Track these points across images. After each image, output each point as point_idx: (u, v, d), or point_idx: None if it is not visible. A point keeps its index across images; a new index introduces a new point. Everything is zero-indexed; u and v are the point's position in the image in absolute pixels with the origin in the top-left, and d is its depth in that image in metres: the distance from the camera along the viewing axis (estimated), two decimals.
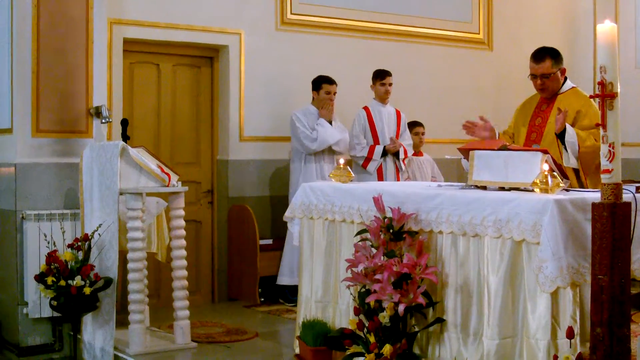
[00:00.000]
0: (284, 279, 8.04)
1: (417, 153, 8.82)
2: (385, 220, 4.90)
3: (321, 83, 8.12)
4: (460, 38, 9.81)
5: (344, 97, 8.62)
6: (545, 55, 5.64)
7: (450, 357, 4.67)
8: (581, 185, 5.42)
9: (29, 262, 6.35)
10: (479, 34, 9.98)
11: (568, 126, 5.29)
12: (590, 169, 5.37)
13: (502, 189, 4.79)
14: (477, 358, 4.50)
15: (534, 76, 5.67)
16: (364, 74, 8.52)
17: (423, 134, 8.91)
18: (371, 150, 8.22)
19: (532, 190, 4.49)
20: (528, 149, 4.98)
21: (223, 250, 8.31)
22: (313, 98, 8.17)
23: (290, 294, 7.88)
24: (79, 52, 6.68)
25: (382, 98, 8.38)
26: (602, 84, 3.84)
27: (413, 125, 8.75)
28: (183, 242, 6.24)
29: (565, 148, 5.28)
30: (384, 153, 8.24)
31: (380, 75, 8.35)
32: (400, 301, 4.57)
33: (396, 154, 8.29)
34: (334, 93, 8.13)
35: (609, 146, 3.83)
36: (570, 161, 5.30)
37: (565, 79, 5.75)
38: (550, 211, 4.15)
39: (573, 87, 5.73)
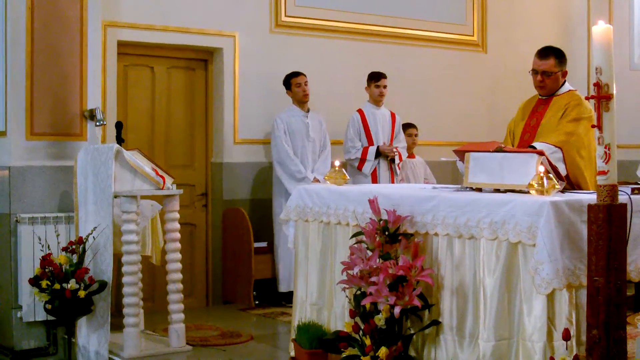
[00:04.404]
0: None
1: (410, 155, 8.83)
2: (381, 222, 4.89)
3: (289, 80, 8.17)
4: (455, 40, 9.82)
5: (339, 99, 8.63)
6: (551, 53, 5.67)
7: (446, 359, 4.66)
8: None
9: (23, 266, 6.32)
10: (473, 36, 9.99)
11: (536, 143, 5.37)
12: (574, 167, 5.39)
13: (498, 191, 4.78)
14: None
15: (535, 72, 5.68)
16: (359, 76, 8.53)
17: (416, 135, 8.93)
18: (364, 151, 8.23)
19: (528, 192, 4.49)
20: (523, 150, 4.98)
21: (217, 253, 8.30)
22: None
23: None
24: (73, 54, 6.66)
25: (377, 100, 8.38)
26: (597, 85, 3.84)
27: (406, 126, 8.76)
28: (178, 245, 6.22)
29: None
30: (378, 154, 8.24)
31: (375, 78, 8.36)
32: (395, 303, 4.56)
33: (392, 159, 8.29)
34: (305, 83, 8.13)
35: (605, 148, 3.83)
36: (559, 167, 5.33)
37: (564, 82, 5.77)
38: (546, 213, 4.15)
39: (570, 90, 5.75)
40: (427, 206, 4.83)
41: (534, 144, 5.39)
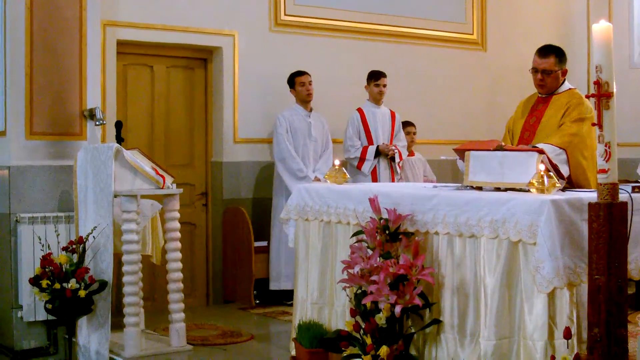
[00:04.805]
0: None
1: (409, 153, 8.83)
2: (381, 221, 4.88)
3: (293, 78, 8.16)
4: (455, 39, 9.81)
5: (338, 98, 8.62)
6: (551, 52, 5.66)
7: (447, 358, 4.65)
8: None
9: (24, 265, 6.32)
10: (472, 34, 9.98)
11: (540, 145, 5.35)
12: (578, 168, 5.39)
13: (498, 189, 4.78)
14: (474, 359, 4.49)
15: (535, 70, 5.67)
16: (358, 75, 8.52)
17: (415, 133, 8.93)
18: (364, 151, 8.22)
19: (529, 191, 4.48)
20: (524, 149, 4.97)
21: (218, 252, 8.29)
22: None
23: None
24: (73, 54, 6.65)
25: (377, 99, 8.38)
26: (597, 83, 3.84)
27: (404, 125, 8.75)
28: (178, 245, 6.22)
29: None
30: (378, 153, 8.23)
31: (375, 76, 8.35)
32: (396, 302, 4.56)
33: (392, 158, 8.29)
34: (309, 82, 8.13)
35: (605, 146, 3.83)
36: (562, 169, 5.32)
37: (564, 80, 5.76)
38: (547, 211, 4.14)
39: (570, 89, 5.74)
40: (428, 205, 4.82)
41: (537, 145, 5.37)
